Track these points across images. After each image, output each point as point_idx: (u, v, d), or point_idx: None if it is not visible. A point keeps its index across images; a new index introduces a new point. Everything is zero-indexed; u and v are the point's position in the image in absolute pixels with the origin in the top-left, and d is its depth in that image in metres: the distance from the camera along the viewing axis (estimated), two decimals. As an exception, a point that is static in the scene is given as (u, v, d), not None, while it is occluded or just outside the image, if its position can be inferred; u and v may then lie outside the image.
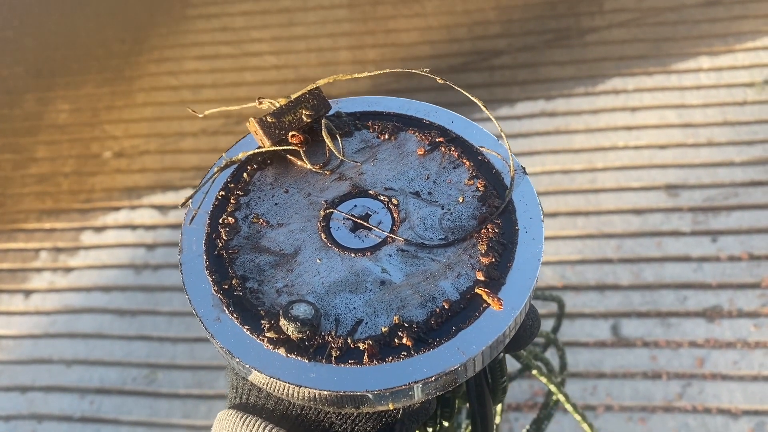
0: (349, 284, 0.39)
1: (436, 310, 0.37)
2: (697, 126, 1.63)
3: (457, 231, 0.40)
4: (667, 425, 1.23)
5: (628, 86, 1.74)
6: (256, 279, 0.39)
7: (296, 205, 0.42)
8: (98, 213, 1.77)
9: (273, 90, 1.96)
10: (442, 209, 0.41)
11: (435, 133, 0.45)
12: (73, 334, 1.55)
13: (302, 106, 0.43)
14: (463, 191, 0.42)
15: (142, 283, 1.61)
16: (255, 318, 0.37)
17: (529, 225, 0.40)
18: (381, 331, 0.37)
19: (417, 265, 0.39)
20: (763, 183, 1.51)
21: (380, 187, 0.42)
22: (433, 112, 0.46)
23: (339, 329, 0.37)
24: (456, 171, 0.43)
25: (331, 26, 2.10)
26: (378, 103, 0.47)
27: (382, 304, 0.38)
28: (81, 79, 2.11)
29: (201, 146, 1.86)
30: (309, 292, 0.38)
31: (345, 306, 0.38)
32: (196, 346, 1.48)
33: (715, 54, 1.77)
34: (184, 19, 2.22)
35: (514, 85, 1.81)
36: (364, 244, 0.40)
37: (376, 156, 0.44)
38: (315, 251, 0.40)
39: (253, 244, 0.41)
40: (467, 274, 0.39)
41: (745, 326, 1.32)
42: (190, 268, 0.40)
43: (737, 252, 1.42)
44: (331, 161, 0.44)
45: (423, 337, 0.36)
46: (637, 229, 1.47)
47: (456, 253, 0.39)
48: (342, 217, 0.41)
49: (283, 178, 0.44)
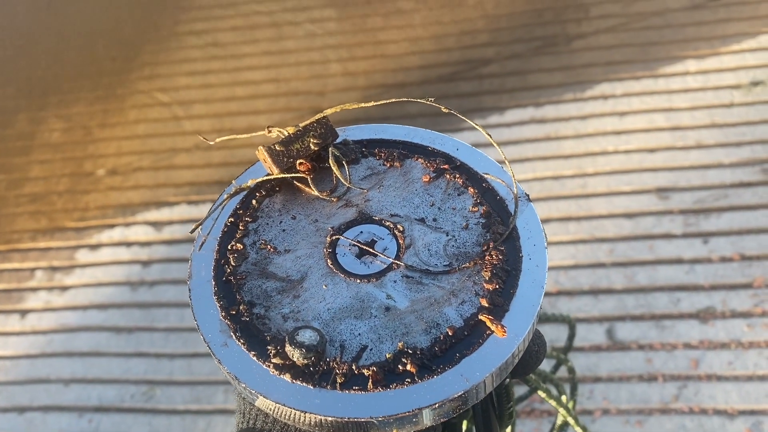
0: (354, 310, 0.39)
1: (440, 336, 0.38)
2: (686, 129, 1.65)
3: (461, 257, 0.41)
4: (664, 427, 1.24)
5: (617, 91, 1.76)
6: (263, 305, 0.40)
7: (303, 232, 0.43)
8: (93, 231, 1.78)
9: (264, 104, 1.97)
10: (446, 236, 0.42)
11: (440, 160, 0.46)
12: (70, 352, 1.55)
13: (310, 134, 0.44)
14: (468, 218, 0.42)
15: (138, 300, 1.61)
16: (261, 344, 0.38)
17: (532, 252, 0.41)
18: (385, 357, 0.37)
19: (421, 292, 0.39)
20: (752, 184, 1.52)
21: (386, 214, 0.43)
22: (439, 139, 0.47)
23: (344, 355, 0.37)
24: (460, 198, 0.44)
25: (321, 39, 2.11)
26: (384, 131, 0.48)
27: (387, 331, 0.38)
28: (73, 97, 2.12)
29: (194, 162, 1.87)
30: (315, 318, 0.39)
31: (350, 332, 0.38)
32: (194, 361, 1.49)
33: (702, 57, 1.79)
34: (174, 36, 2.23)
35: (503, 93, 1.83)
36: (369, 270, 0.41)
37: (382, 183, 0.45)
38: (321, 277, 0.41)
39: (260, 270, 0.41)
40: (471, 300, 0.39)
41: (738, 326, 1.33)
42: (199, 293, 0.41)
43: (729, 253, 1.43)
44: (338, 188, 0.44)
45: (427, 363, 0.37)
46: (629, 233, 1.48)
47: (460, 280, 0.40)
48: (348, 244, 0.42)
49: (290, 204, 0.44)
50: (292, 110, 1.94)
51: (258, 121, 1.93)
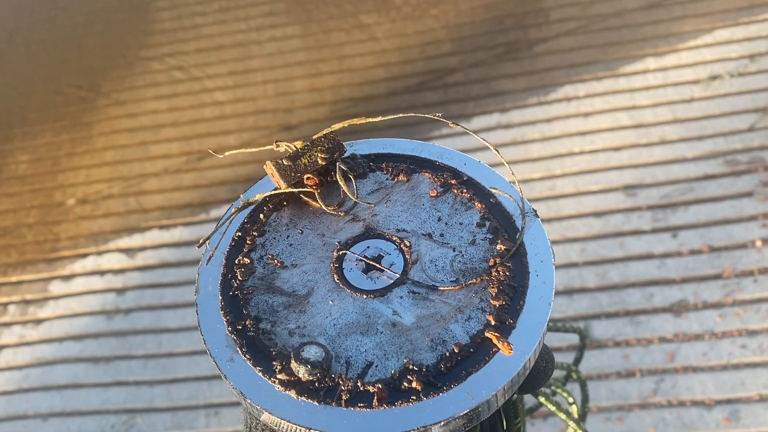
0: (360, 326, 0.39)
1: (446, 353, 0.37)
2: (649, 126, 1.67)
3: (468, 273, 0.40)
4: (644, 422, 1.25)
5: (580, 93, 1.78)
6: (269, 320, 0.40)
7: (310, 246, 0.43)
8: (65, 261, 1.76)
9: (233, 124, 1.97)
10: (453, 251, 0.41)
11: (447, 175, 0.45)
12: (48, 386, 1.53)
13: (317, 148, 0.44)
14: (475, 233, 0.42)
15: (114, 329, 1.60)
16: (267, 359, 0.38)
17: (540, 268, 0.41)
18: (391, 374, 0.37)
19: (428, 308, 0.39)
20: (716, 176, 1.55)
21: (393, 229, 0.43)
22: (446, 154, 0.47)
23: (349, 372, 0.37)
24: (468, 213, 0.43)
25: (286, 57, 2.12)
26: (392, 145, 0.48)
27: (393, 347, 0.38)
28: (39, 128, 2.11)
29: (164, 186, 1.86)
30: (321, 334, 0.39)
31: (356, 348, 0.38)
32: (173, 387, 1.47)
33: (660, 54, 1.82)
34: (139, 61, 2.22)
35: (469, 101, 1.84)
36: (376, 286, 0.41)
37: (389, 197, 0.45)
38: (327, 292, 0.40)
39: (267, 285, 0.41)
40: (477, 317, 0.39)
41: (711, 317, 1.35)
42: (206, 308, 0.40)
43: (697, 245, 1.45)
44: (345, 202, 0.44)
45: (432, 381, 0.37)
46: (599, 232, 1.50)
47: (467, 296, 0.39)
48: (355, 259, 0.42)
49: (298, 218, 0.44)
50: (261, 128, 1.94)
51: (227, 141, 1.93)
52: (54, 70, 2.30)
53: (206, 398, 1.44)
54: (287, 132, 1.92)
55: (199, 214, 1.78)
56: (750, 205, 1.48)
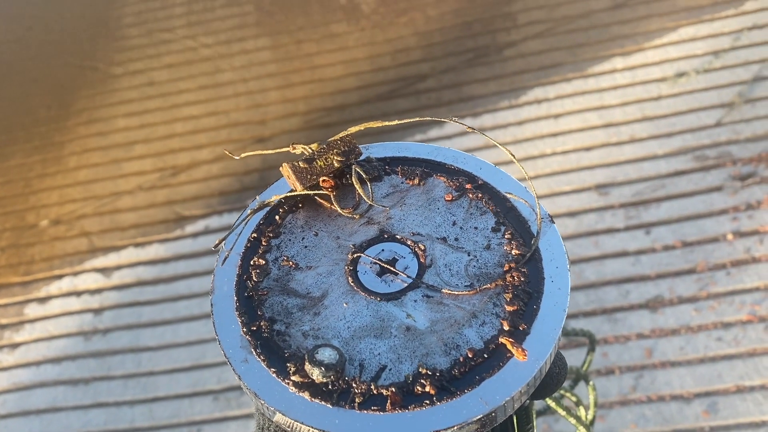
0: (374, 329, 0.39)
1: (459, 358, 0.37)
2: (619, 124, 1.69)
3: (482, 278, 0.40)
4: (625, 419, 1.26)
5: (549, 94, 1.80)
6: (284, 321, 0.40)
7: (325, 248, 0.43)
8: (40, 284, 1.74)
9: (206, 138, 1.96)
10: (468, 256, 0.41)
11: (463, 179, 0.45)
12: (26, 411, 1.51)
13: (333, 151, 0.44)
14: (489, 238, 0.42)
15: (92, 349, 1.58)
16: (281, 361, 0.38)
17: (555, 274, 0.40)
18: (404, 378, 0.37)
19: (442, 312, 0.39)
20: (686, 171, 1.57)
21: (407, 232, 0.43)
22: (462, 158, 0.47)
23: (363, 375, 0.37)
24: (483, 217, 0.43)
25: (257, 69, 2.11)
26: (408, 149, 0.48)
27: (407, 351, 0.38)
28: (9, 150, 2.08)
29: (138, 203, 1.85)
30: (334, 336, 0.39)
31: (369, 351, 0.38)
32: (154, 406, 1.46)
33: (627, 54, 1.85)
34: (109, 78, 2.21)
35: (441, 107, 1.85)
36: (390, 289, 0.41)
37: (404, 201, 0.45)
38: (342, 295, 0.41)
39: (282, 287, 0.41)
40: (492, 322, 0.39)
41: (686, 312, 1.37)
42: (221, 308, 0.41)
43: (671, 241, 1.47)
44: (360, 205, 0.44)
45: (446, 385, 0.37)
46: (573, 231, 1.51)
47: (481, 301, 0.39)
48: (369, 261, 0.42)
49: (313, 221, 0.44)
50: (234, 141, 1.93)
51: (200, 155, 1.92)
52: (22, 90, 2.27)
53: (188, 416, 1.43)
54: (260, 144, 1.91)
55: (175, 230, 1.77)
56: (720, 199, 1.51)
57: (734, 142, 1.59)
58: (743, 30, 1.82)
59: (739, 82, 1.70)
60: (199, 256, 1.69)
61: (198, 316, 1.57)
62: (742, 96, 1.67)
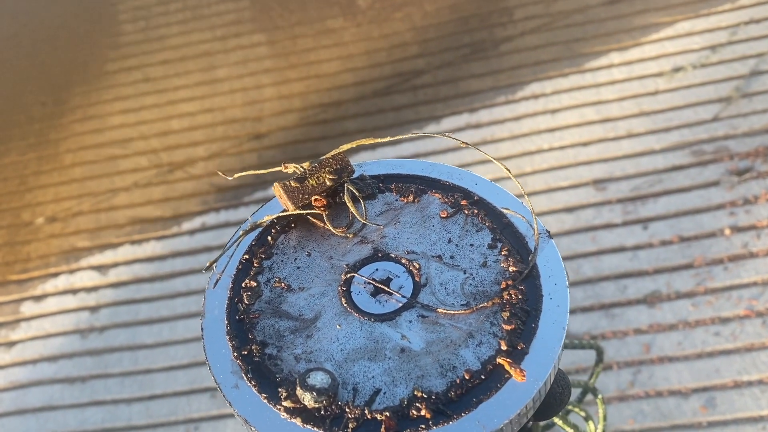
0: (368, 351, 0.38)
1: (456, 380, 0.36)
2: (616, 120, 1.69)
3: (479, 297, 0.39)
4: (623, 414, 1.26)
5: (546, 90, 1.79)
6: (276, 345, 0.39)
7: (318, 269, 0.42)
8: (36, 282, 1.73)
9: (202, 135, 1.95)
10: (464, 274, 0.41)
11: (458, 195, 0.45)
12: (23, 410, 1.50)
13: (325, 170, 0.44)
14: (486, 255, 0.41)
15: (89, 348, 1.57)
16: (273, 385, 0.37)
17: (553, 291, 0.39)
18: (399, 401, 0.36)
19: (437, 332, 0.38)
20: (684, 166, 1.57)
21: (402, 251, 0.42)
22: (457, 174, 0.46)
23: (356, 399, 0.36)
24: (479, 234, 0.42)
25: (253, 65, 2.11)
26: (402, 166, 0.47)
27: (401, 373, 0.37)
28: (3, 147, 2.07)
29: (135, 200, 1.84)
30: (327, 359, 0.38)
31: (363, 374, 0.37)
32: (152, 403, 1.46)
33: (624, 49, 1.84)
34: (104, 75, 2.20)
35: (438, 102, 1.85)
36: (384, 309, 0.40)
37: (398, 219, 0.44)
38: (335, 316, 0.40)
39: (273, 309, 0.41)
40: (489, 342, 0.38)
41: (684, 307, 1.37)
42: (211, 333, 0.40)
43: (668, 236, 1.47)
44: (353, 224, 0.44)
45: (442, 408, 0.36)
46: (571, 227, 1.51)
47: (478, 320, 0.38)
48: (363, 281, 0.41)
49: (306, 241, 0.44)
50: (230, 138, 1.93)
51: (197, 152, 1.91)
52: (17, 87, 2.26)
53: (185, 413, 1.43)
54: (257, 141, 1.91)
55: (171, 227, 1.76)
56: (717, 194, 1.51)
57: (731, 137, 1.59)
58: (740, 24, 1.82)
59: (736, 77, 1.70)
60: (196, 253, 1.68)
61: (195, 313, 1.57)
62: (739, 90, 1.67)
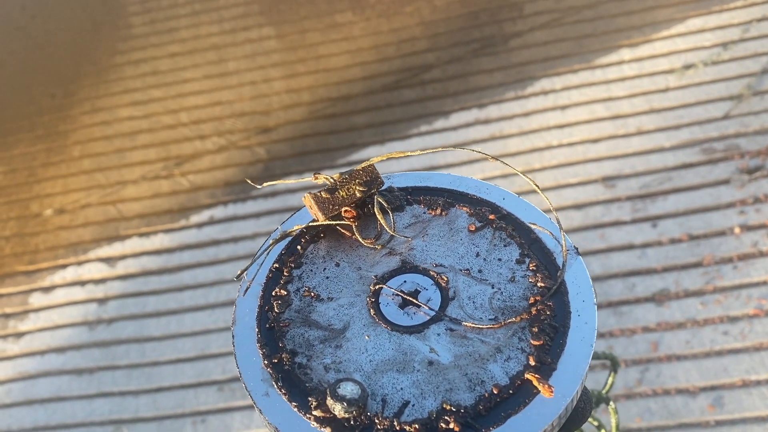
0: (396, 363, 0.38)
1: (484, 394, 0.37)
2: (626, 116, 1.68)
3: (507, 312, 0.40)
4: (630, 412, 1.26)
5: (556, 86, 1.79)
6: (305, 354, 0.39)
7: (347, 279, 0.42)
8: (45, 273, 1.74)
9: (210, 128, 1.95)
10: (492, 288, 0.41)
11: (486, 209, 0.45)
12: (31, 400, 1.51)
13: (355, 181, 0.44)
14: (514, 270, 0.42)
15: (97, 339, 1.58)
16: (302, 394, 0.37)
17: (581, 308, 0.40)
18: (428, 414, 0.36)
19: (466, 346, 0.39)
20: (693, 164, 1.56)
21: (430, 263, 0.42)
22: (485, 188, 0.46)
23: (386, 410, 0.36)
24: (507, 249, 0.43)
25: (262, 58, 2.10)
26: (429, 179, 0.47)
27: (430, 386, 0.37)
28: (13, 139, 2.08)
29: (143, 193, 1.85)
30: (356, 370, 0.38)
31: (392, 386, 0.37)
32: (159, 396, 1.46)
33: (635, 45, 1.83)
34: (112, 67, 2.20)
35: (447, 97, 1.84)
36: (412, 322, 0.40)
37: (426, 231, 0.44)
38: (363, 327, 0.40)
39: (303, 318, 0.41)
40: (517, 357, 0.38)
41: (692, 305, 1.36)
42: (242, 340, 0.40)
43: (677, 234, 1.46)
44: (382, 236, 0.44)
45: (471, 422, 0.36)
46: (579, 224, 1.51)
47: (506, 335, 0.39)
48: (391, 293, 0.41)
49: (334, 251, 0.44)
50: (239, 131, 1.93)
51: (205, 145, 1.91)
52: (26, 79, 2.26)
53: (192, 406, 1.43)
54: (265, 134, 1.91)
55: (179, 220, 1.77)
56: (727, 192, 1.50)
57: (742, 135, 1.58)
58: (752, 21, 1.81)
59: (748, 74, 1.69)
60: (204, 246, 1.69)
61: (203, 306, 1.57)
62: (751, 88, 1.66)
